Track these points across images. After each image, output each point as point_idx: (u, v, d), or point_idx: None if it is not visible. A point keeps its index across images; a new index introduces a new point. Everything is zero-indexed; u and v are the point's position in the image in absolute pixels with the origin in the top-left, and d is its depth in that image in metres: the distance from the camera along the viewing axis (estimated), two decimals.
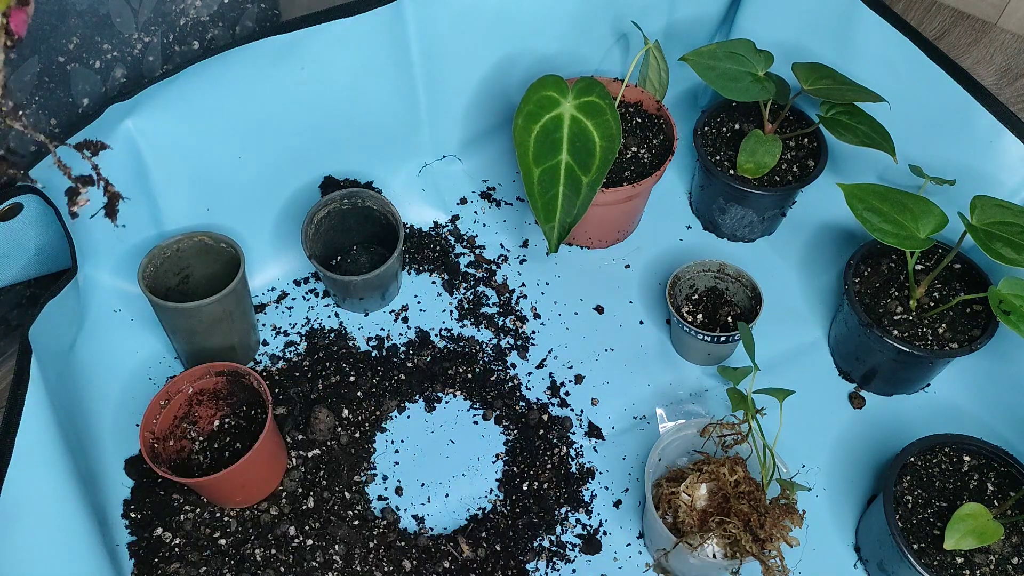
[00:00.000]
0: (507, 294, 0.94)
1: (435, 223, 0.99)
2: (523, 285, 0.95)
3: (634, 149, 0.94)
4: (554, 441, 0.84)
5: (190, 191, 0.86)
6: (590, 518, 0.81)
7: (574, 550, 0.79)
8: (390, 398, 0.87)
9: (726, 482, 0.73)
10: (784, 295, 0.94)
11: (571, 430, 0.85)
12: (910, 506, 0.74)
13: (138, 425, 0.75)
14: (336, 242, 0.94)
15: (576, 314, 0.94)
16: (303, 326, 0.91)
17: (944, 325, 0.82)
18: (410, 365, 0.89)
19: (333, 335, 0.90)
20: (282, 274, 0.95)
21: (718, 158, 0.95)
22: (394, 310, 0.93)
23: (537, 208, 0.83)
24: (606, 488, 0.82)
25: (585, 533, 0.80)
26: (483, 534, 0.79)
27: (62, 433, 0.69)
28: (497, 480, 0.82)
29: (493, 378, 0.88)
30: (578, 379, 0.89)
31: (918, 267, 0.86)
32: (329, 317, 0.92)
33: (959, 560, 0.71)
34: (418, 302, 0.94)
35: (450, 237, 0.98)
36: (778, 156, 0.92)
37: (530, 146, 0.84)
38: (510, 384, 0.88)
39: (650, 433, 0.86)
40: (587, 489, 0.82)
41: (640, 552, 0.79)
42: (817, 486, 0.82)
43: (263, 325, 0.91)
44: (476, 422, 0.86)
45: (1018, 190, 0.85)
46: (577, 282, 0.96)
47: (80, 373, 0.83)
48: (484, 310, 0.93)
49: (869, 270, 0.86)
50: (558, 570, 0.77)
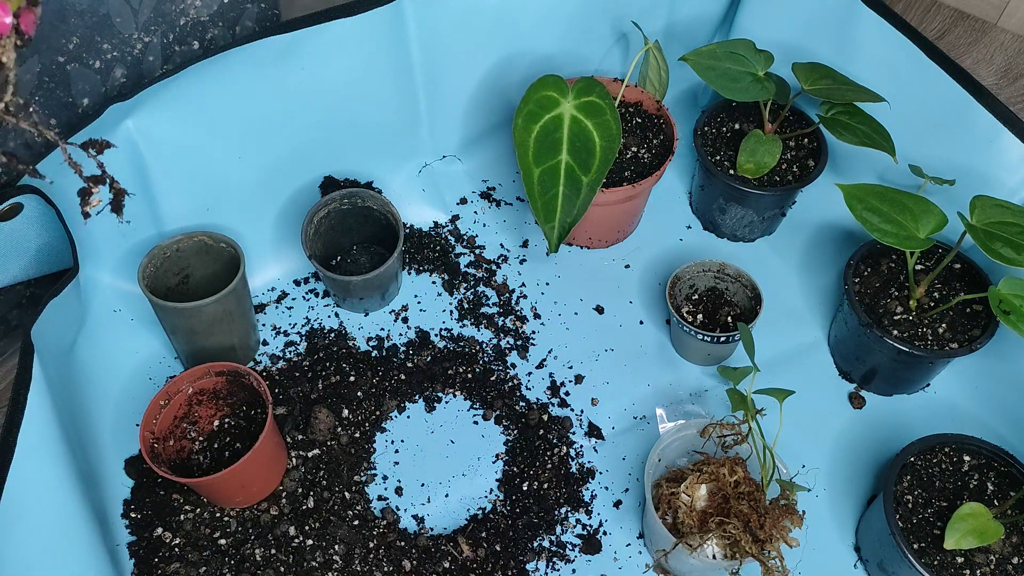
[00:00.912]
0: (507, 294, 0.94)
1: (435, 223, 0.99)
2: (523, 285, 0.95)
3: (634, 149, 0.94)
4: (554, 441, 0.84)
5: (190, 191, 0.86)
6: (590, 518, 0.81)
7: (574, 550, 0.79)
8: (390, 398, 0.87)
9: (726, 483, 0.73)
10: (784, 295, 0.94)
11: (571, 430, 0.85)
12: (910, 506, 0.74)
13: (138, 425, 0.75)
14: (336, 242, 0.94)
15: (576, 314, 0.94)
16: (303, 326, 0.91)
17: (944, 325, 0.82)
18: (410, 365, 0.89)
19: (333, 335, 0.91)
20: (282, 274, 0.95)
21: (718, 158, 0.95)
22: (394, 310, 0.93)
23: (537, 208, 0.83)
24: (606, 488, 0.82)
25: (585, 533, 0.80)
26: (483, 534, 0.79)
27: (63, 433, 0.70)
28: (497, 480, 0.82)
29: (493, 378, 0.88)
30: (578, 379, 0.89)
31: (918, 267, 0.86)
32: (329, 317, 0.92)
33: (959, 560, 0.71)
34: (418, 302, 0.94)
35: (450, 237, 0.98)
36: (778, 156, 0.92)
37: (530, 146, 0.84)
38: (510, 384, 0.88)
39: (650, 433, 0.86)
40: (587, 489, 0.82)
41: (640, 552, 0.79)
42: (817, 486, 0.82)
43: (263, 325, 0.91)
44: (476, 422, 0.86)
45: (1018, 190, 0.85)
46: (577, 282, 0.96)
47: (80, 373, 0.83)
48: (484, 310, 0.93)
49: (869, 270, 0.86)
50: (558, 570, 0.77)
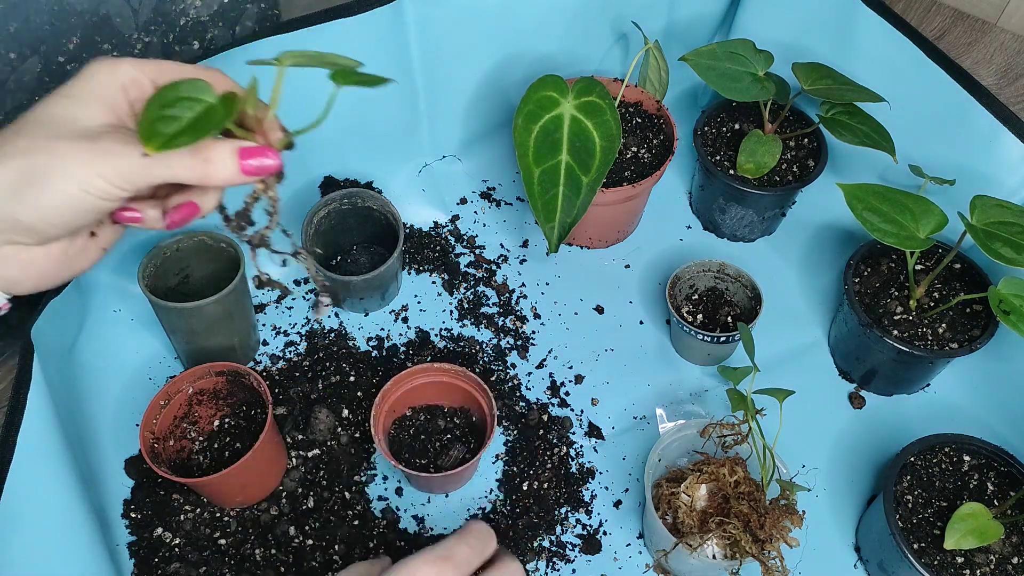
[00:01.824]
0: (507, 294, 0.94)
1: (435, 223, 0.99)
2: (523, 285, 0.95)
3: (634, 149, 0.94)
4: (554, 441, 0.84)
5: None
6: (590, 518, 0.80)
7: (574, 550, 0.79)
8: None
9: (726, 483, 0.73)
10: (784, 295, 0.94)
11: (571, 430, 0.85)
12: (910, 506, 0.74)
13: (138, 425, 0.75)
14: (336, 242, 0.94)
15: (576, 314, 0.94)
16: (303, 326, 0.91)
17: (944, 325, 0.82)
18: (410, 365, 0.89)
19: (333, 335, 0.90)
20: (282, 274, 0.95)
21: (718, 158, 0.95)
22: (394, 310, 0.93)
23: (537, 208, 0.83)
24: (606, 488, 0.82)
25: (585, 533, 0.80)
26: None
27: (63, 433, 0.69)
28: (497, 480, 0.82)
29: (493, 378, 0.88)
30: (578, 379, 0.89)
31: (918, 267, 0.86)
32: (329, 317, 0.92)
33: (959, 560, 0.71)
34: (418, 302, 0.94)
35: (450, 237, 0.98)
36: (778, 156, 0.92)
37: (530, 146, 0.84)
38: (510, 384, 0.88)
39: (650, 433, 0.86)
40: (587, 489, 0.82)
41: (640, 552, 0.79)
42: (817, 486, 0.82)
43: (263, 325, 0.91)
44: None
45: (1018, 190, 0.85)
46: (577, 282, 0.96)
47: (80, 373, 0.83)
48: (484, 310, 0.93)
49: (869, 270, 0.86)
50: (558, 570, 0.77)
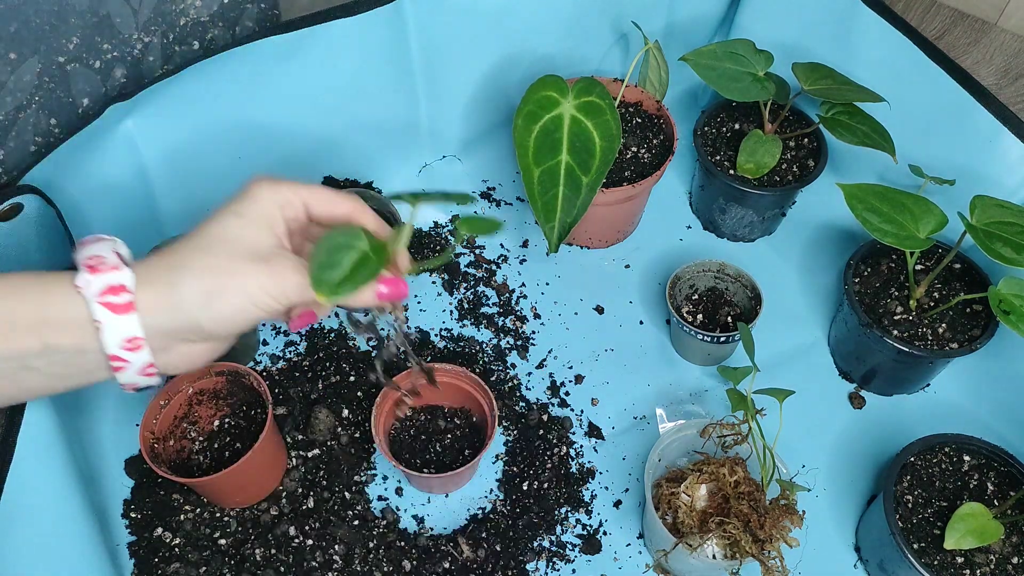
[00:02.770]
0: (507, 294, 0.94)
1: (435, 223, 0.99)
2: (523, 285, 0.95)
3: (634, 149, 0.94)
4: (554, 441, 0.84)
5: (190, 191, 0.86)
6: (590, 518, 0.80)
7: (574, 550, 0.79)
8: None
9: (726, 483, 0.73)
10: (784, 295, 0.94)
11: (571, 430, 0.85)
12: (910, 506, 0.74)
13: (138, 425, 0.75)
14: None
15: (576, 314, 0.94)
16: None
17: (944, 325, 0.82)
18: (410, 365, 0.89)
19: (333, 335, 0.90)
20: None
21: (718, 158, 0.95)
22: None
23: (537, 208, 0.83)
24: (606, 488, 0.82)
25: (585, 533, 0.80)
26: (483, 534, 0.79)
27: (63, 433, 0.69)
28: (497, 480, 0.82)
29: (493, 378, 0.88)
30: (578, 379, 0.89)
31: (918, 267, 0.86)
32: (329, 317, 0.92)
33: (959, 560, 0.71)
34: (418, 302, 0.94)
35: (450, 237, 0.98)
36: (778, 156, 0.92)
37: (530, 146, 0.83)
38: (510, 384, 0.88)
39: (650, 433, 0.85)
40: (587, 489, 0.82)
41: (640, 552, 0.79)
42: (817, 486, 0.82)
43: (263, 325, 0.91)
44: None
45: (1018, 190, 0.85)
46: (577, 282, 0.96)
47: None
48: (484, 310, 0.93)
49: (869, 270, 0.86)
50: (558, 570, 0.77)
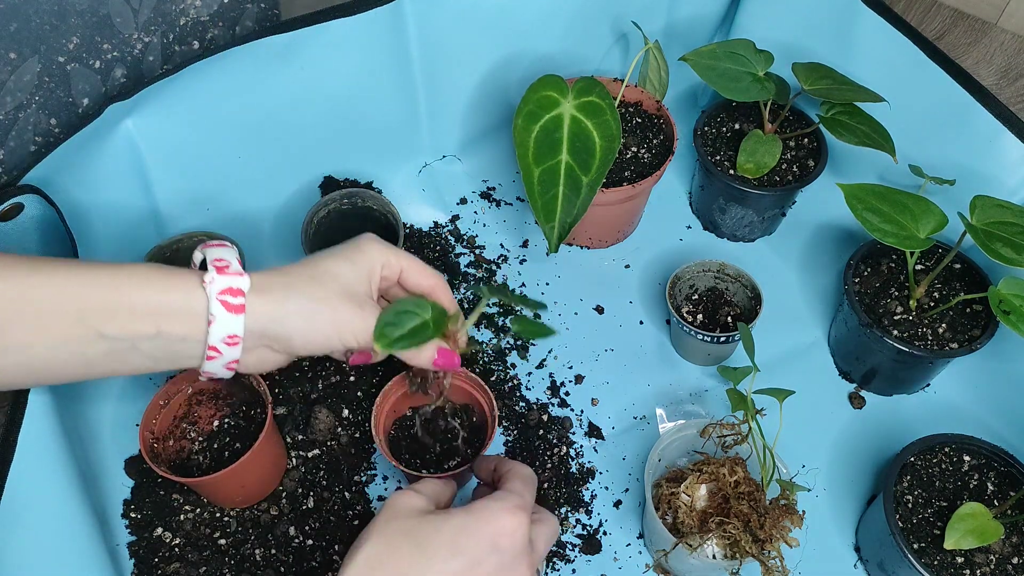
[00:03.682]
0: None
1: (435, 223, 0.99)
2: (523, 285, 0.95)
3: (634, 149, 0.94)
4: (554, 441, 0.84)
5: (190, 191, 0.86)
6: (590, 518, 0.80)
7: (574, 550, 0.79)
8: None
9: (726, 483, 0.73)
10: (784, 295, 0.94)
11: (571, 430, 0.85)
12: (910, 506, 0.74)
13: (138, 425, 0.75)
14: (336, 242, 0.93)
15: (576, 314, 0.94)
16: None
17: (944, 325, 0.82)
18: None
19: None
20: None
21: (718, 158, 0.95)
22: None
23: (537, 208, 0.83)
24: (606, 488, 0.82)
25: (585, 533, 0.80)
26: None
27: (63, 433, 0.70)
28: None
29: (493, 378, 0.88)
30: (578, 379, 0.89)
31: (918, 267, 0.86)
32: None
33: (959, 560, 0.71)
34: None
35: (450, 237, 0.98)
36: (778, 156, 0.92)
37: (530, 146, 0.84)
38: (510, 384, 0.88)
39: (650, 433, 0.85)
40: (587, 489, 0.82)
41: (640, 552, 0.79)
42: (817, 486, 0.82)
43: None
44: None
45: (1018, 190, 0.85)
46: (577, 282, 0.96)
47: None
48: (484, 310, 0.93)
49: (869, 270, 0.86)
50: (558, 570, 0.77)
